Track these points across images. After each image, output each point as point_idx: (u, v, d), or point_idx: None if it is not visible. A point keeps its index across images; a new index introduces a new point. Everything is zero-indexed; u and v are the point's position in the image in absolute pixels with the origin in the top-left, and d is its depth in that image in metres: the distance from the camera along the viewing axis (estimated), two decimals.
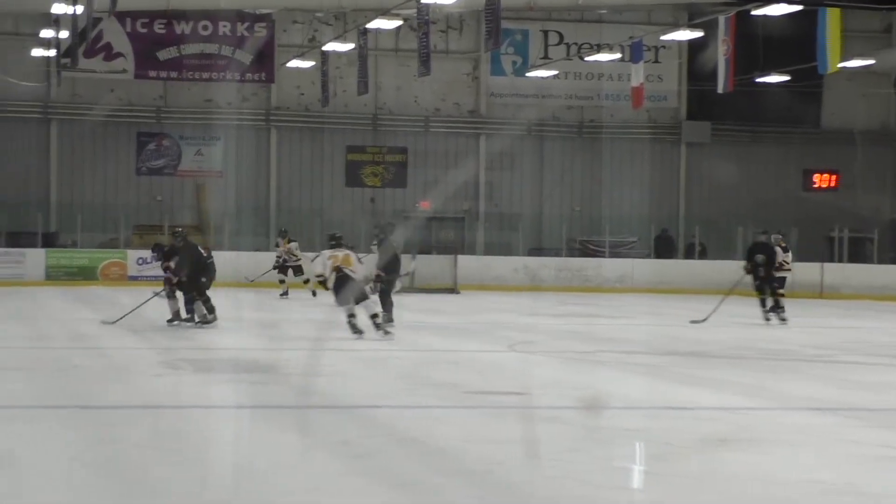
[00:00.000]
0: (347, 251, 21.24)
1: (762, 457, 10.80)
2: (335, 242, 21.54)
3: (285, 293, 31.60)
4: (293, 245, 31.44)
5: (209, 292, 22.55)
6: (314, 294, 30.00)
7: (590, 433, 12.14)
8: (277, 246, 32.94)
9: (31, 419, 12.26)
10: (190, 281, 22.02)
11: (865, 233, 43.00)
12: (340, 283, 20.48)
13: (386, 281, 22.97)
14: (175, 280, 22.13)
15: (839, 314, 30.40)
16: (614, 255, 41.59)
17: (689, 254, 43.21)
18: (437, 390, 14.95)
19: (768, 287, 26.03)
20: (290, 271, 31.68)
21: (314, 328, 23.07)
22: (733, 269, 34.22)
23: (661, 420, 12.96)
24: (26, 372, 16.02)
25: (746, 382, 16.17)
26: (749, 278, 26.31)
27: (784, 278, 27.50)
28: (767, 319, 25.75)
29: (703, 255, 42.43)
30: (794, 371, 18.28)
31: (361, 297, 20.53)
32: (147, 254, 33.94)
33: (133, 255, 36.17)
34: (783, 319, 25.74)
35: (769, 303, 25.93)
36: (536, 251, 41.53)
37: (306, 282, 30.83)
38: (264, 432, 11.76)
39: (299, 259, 30.97)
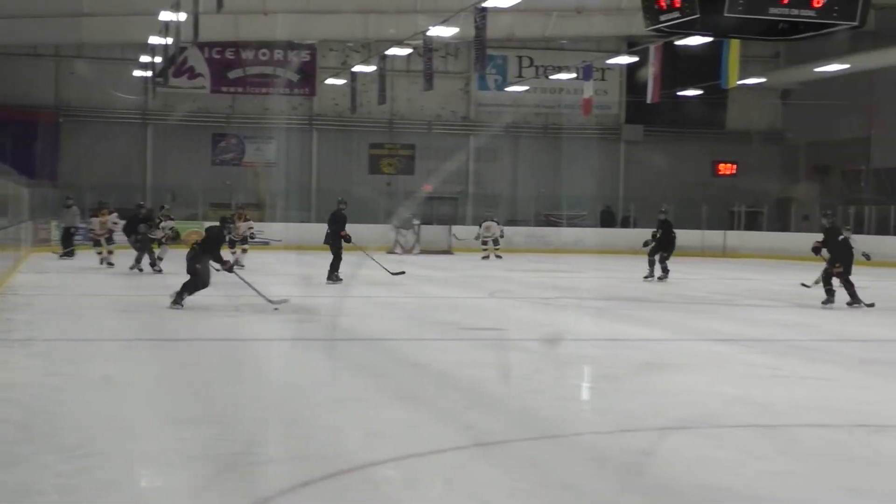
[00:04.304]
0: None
1: (680, 376, 10.79)
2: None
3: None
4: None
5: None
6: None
7: (551, 359, 12.14)
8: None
9: (127, 349, 12.23)
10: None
11: (758, 208, 43.33)
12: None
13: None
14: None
15: (739, 269, 30.34)
16: (570, 224, 41.77)
17: (625, 224, 43.28)
18: (436, 327, 14.93)
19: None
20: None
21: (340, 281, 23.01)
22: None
23: (604, 349, 12.94)
24: (125, 313, 15.99)
25: (668, 320, 16.15)
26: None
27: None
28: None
29: (635, 224, 42.61)
30: (704, 312, 18.28)
31: None
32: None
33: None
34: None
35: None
36: (512, 222, 41.54)
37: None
38: (304, 358, 11.73)
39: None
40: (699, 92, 39.25)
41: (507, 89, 43.20)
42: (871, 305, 18.44)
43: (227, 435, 7.53)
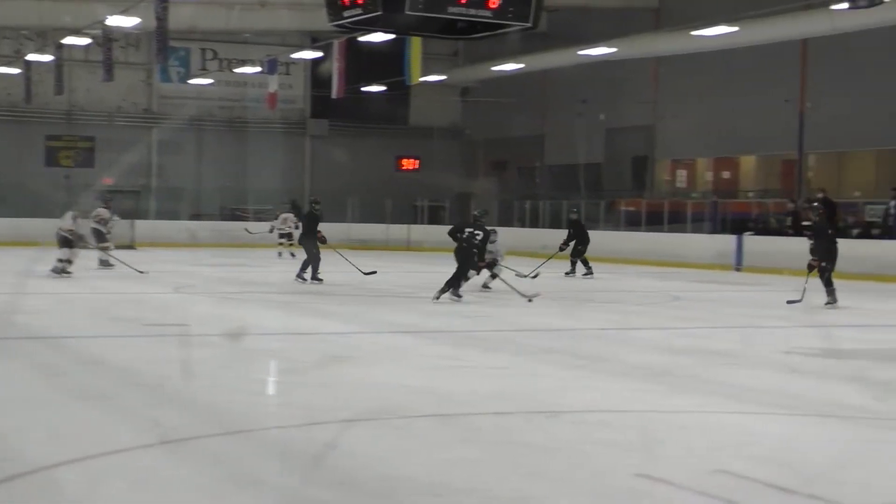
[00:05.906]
0: None
1: (364, 368, 10.96)
2: None
3: None
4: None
5: None
6: None
7: (236, 354, 12.10)
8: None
9: None
10: None
11: (440, 202, 44.47)
12: None
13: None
14: None
15: (422, 262, 31.00)
16: (257, 219, 41.51)
17: None
18: (118, 323, 14.58)
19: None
20: None
21: (13, 276, 22.08)
22: (342, 229, 34.64)
23: (290, 343, 13.00)
24: None
25: (353, 313, 16.36)
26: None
27: None
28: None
29: (321, 218, 42.88)
30: (388, 304, 18.61)
31: None
32: None
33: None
34: None
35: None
36: (196, 216, 41.08)
37: None
38: None
39: None
40: (383, 88, 39.99)
41: (190, 82, 42.69)
42: (531, 300, 18.66)
43: None
